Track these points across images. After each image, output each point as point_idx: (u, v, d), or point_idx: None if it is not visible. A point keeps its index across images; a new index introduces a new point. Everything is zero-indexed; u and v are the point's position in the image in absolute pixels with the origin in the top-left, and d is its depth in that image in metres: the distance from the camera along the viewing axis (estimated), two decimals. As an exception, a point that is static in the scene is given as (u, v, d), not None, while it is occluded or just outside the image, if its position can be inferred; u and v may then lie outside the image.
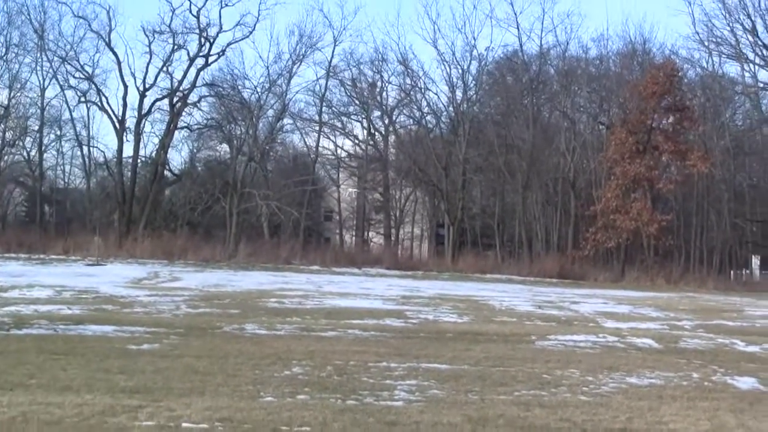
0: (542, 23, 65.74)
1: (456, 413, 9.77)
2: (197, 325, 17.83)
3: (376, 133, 73.33)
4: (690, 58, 68.07)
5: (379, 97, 71.98)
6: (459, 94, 67.44)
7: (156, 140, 63.40)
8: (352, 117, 73.78)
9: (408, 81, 70.02)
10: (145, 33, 60.94)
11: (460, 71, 66.50)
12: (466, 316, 22.82)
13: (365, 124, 72.49)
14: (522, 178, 63.71)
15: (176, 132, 63.62)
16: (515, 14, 65.51)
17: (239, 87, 66.09)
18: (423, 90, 69.71)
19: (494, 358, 14.58)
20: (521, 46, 67.29)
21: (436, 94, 69.22)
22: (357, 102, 72.37)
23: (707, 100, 67.90)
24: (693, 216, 64.29)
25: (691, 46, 67.17)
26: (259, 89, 64.46)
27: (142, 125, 61.27)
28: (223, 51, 62.92)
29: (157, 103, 62.33)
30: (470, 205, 71.46)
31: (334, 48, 66.08)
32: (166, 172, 65.07)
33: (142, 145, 62.39)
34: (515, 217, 66.46)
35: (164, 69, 61.54)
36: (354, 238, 74.47)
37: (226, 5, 61.77)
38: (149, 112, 61.76)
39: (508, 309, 26.21)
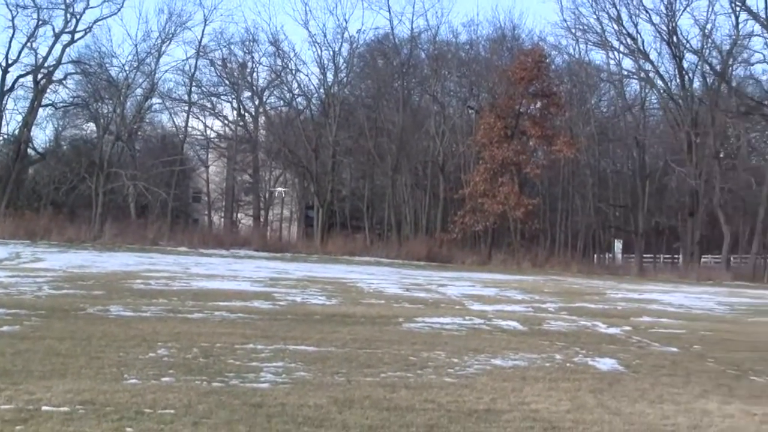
0: (413, 7, 66.55)
1: (322, 395, 9.76)
2: (60, 306, 17.45)
3: (246, 114, 72.89)
4: (558, 45, 69.41)
5: (249, 78, 71.52)
6: (330, 76, 67.50)
7: (19, 118, 61.95)
8: (222, 97, 73.20)
9: (279, 62, 69.79)
10: (8, 6, 59.38)
11: (332, 53, 66.59)
12: (334, 298, 22.84)
13: (235, 105, 72.03)
14: (392, 161, 64.02)
15: (41, 109, 62.35)
16: (387, -3, 65.50)
17: (107, 65, 64.98)
18: (294, 71, 69.63)
19: (361, 340, 14.61)
20: (392, 29, 67.71)
21: (307, 75, 69.60)
22: (227, 82, 71.79)
23: (574, 86, 69.17)
24: (559, 200, 65.51)
25: (559, 33, 68.72)
26: (127, 68, 63.49)
27: (4, 102, 59.83)
28: (90, 28, 61.68)
29: (21, 80, 60.86)
30: (340, 188, 71.64)
31: (204, 27, 65.58)
32: (29, 151, 63.59)
33: (4, 122, 60.99)
34: (385, 199, 66.81)
35: (28, 45, 60.07)
36: (223, 219, 73.97)
37: (94, -19, 60.57)
38: (12, 88, 60.27)
39: (376, 291, 26.31)
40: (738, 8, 61.13)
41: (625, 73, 68.32)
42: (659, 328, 19.48)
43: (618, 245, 65.47)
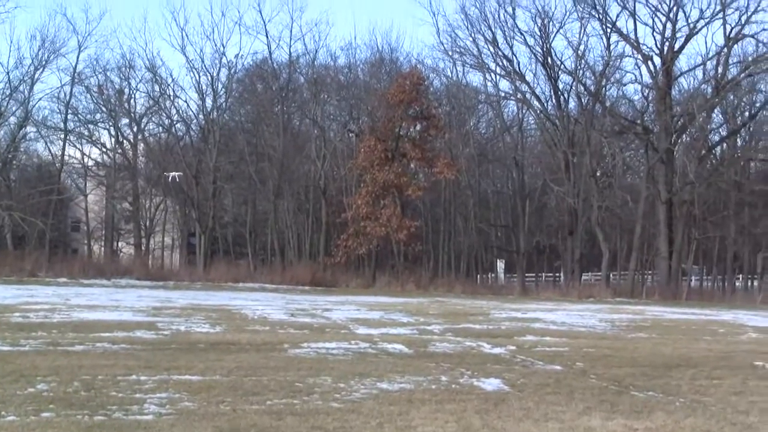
0: (291, 31, 66.16)
1: (207, 425, 9.63)
2: (-66, 343, 16.94)
3: (125, 141, 71.98)
4: (435, 67, 70.13)
5: (127, 105, 70.69)
6: (209, 101, 67.14)
7: None
8: (99, 125, 72.24)
9: (157, 88, 69.18)
10: None
11: (210, 79, 66.22)
12: (219, 326, 22.61)
13: (113, 132, 71.09)
14: (273, 186, 63.85)
15: None
16: (264, 22, 65.37)
17: (-22, 93, 63.52)
18: (172, 97, 69.06)
19: (246, 367, 14.47)
20: (270, 54, 67.63)
21: (185, 101, 68.87)
22: (104, 109, 70.91)
23: (453, 108, 69.87)
24: (441, 221, 66.02)
25: (437, 56, 69.47)
26: (-1, 96, 62.16)
27: None
28: (-40, 55, 60.36)
29: None
30: (222, 214, 71.27)
31: (78, 54, 64.53)
32: None
33: None
34: (267, 225, 66.56)
35: None
36: (103, 248, 72.83)
37: (-39, 8, 59.34)
38: None
39: (261, 318, 26.12)
40: (609, 30, 62.68)
41: (503, 94, 69.41)
42: (543, 346, 19.71)
43: (500, 265, 66.21)
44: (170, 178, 63.35)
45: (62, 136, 66.92)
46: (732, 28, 60.08)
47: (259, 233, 68.78)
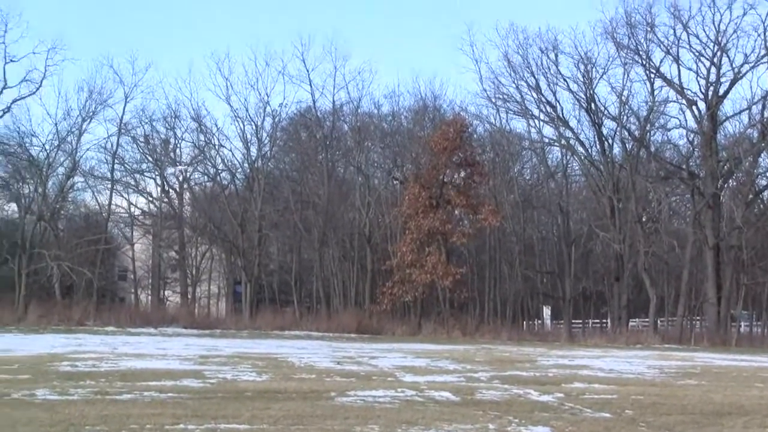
0: (334, 80, 66.33)
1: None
2: (-16, 392, 17.06)
3: (171, 191, 72.52)
4: (479, 114, 70.02)
5: (172, 154, 71.32)
6: (253, 150, 67.47)
7: (-61, 200, 61.06)
8: (145, 174, 72.87)
9: (202, 137, 69.73)
10: None
11: (254, 128, 66.54)
12: (265, 374, 22.61)
13: (159, 182, 71.65)
14: (318, 233, 64.02)
15: (-40, 191, 61.46)
16: (308, 71, 65.68)
17: (27, 144, 64.29)
18: (217, 146, 69.50)
19: (293, 416, 14.44)
20: (314, 102, 67.90)
21: (230, 150, 69.09)
22: (150, 159, 71.55)
23: (496, 155, 69.86)
24: (486, 268, 65.80)
25: (480, 103, 69.07)
26: (48, 147, 62.87)
27: None
28: (9, 108, 61.05)
29: (-62, 162, 60.11)
30: (267, 262, 71.41)
31: (125, 104, 64.95)
32: (-51, 233, 62.66)
33: None
34: (313, 272, 66.59)
35: (-55, 126, 59.41)
36: (150, 297, 73.18)
37: (11, 61, 60.02)
38: (-71, 170, 59.48)
39: (308, 366, 26.10)
40: (653, 75, 62.50)
41: (547, 140, 69.22)
42: (591, 393, 19.54)
43: (547, 311, 65.86)
44: (175, 172, 63.42)
45: (109, 185, 67.50)
46: (777, 72, 59.75)
47: (305, 281, 68.86)
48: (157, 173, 71.43)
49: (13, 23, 59.59)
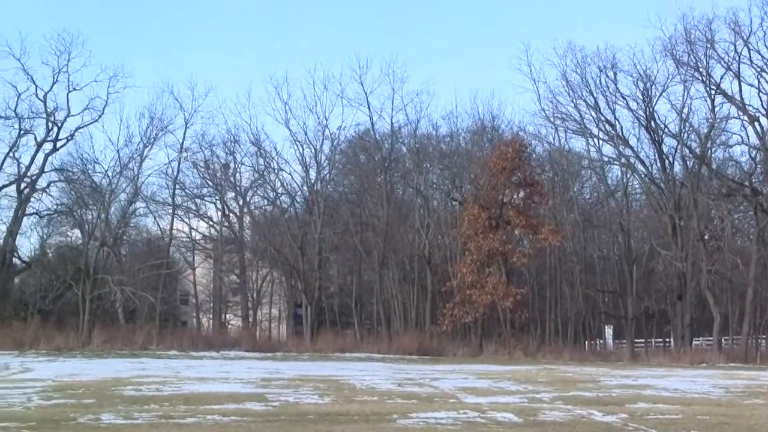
0: (392, 102, 66.46)
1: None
2: (50, 417, 17.26)
3: (231, 215, 73.10)
4: (537, 134, 69.83)
5: (232, 179, 71.94)
6: (313, 173, 67.90)
7: (3, 228, 61.95)
8: (206, 199, 73.55)
9: (261, 162, 70.25)
10: (-11, 118, 59.71)
11: (313, 151, 66.98)
12: (327, 396, 22.65)
13: (219, 206, 72.27)
14: (378, 255, 64.11)
15: (25, 218, 62.34)
16: (366, 94, 65.92)
17: (90, 171, 65.04)
18: (276, 170, 69.96)
19: (357, 438, 14.46)
20: (373, 125, 68.07)
21: (289, 174, 69.46)
22: (210, 184, 72.21)
23: (556, 174, 69.59)
24: (547, 288, 65.49)
25: (538, 123, 68.87)
26: (110, 173, 63.64)
27: (-12, 213, 59.80)
28: (72, 135, 62.06)
29: (4, 190, 61.03)
30: (327, 284, 71.62)
31: (185, 130, 65.74)
32: (15, 260, 63.49)
33: (-12, 232, 60.79)
34: (373, 294, 66.66)
35: (11, 154, 60.35)
36: (211, 320, 73.68)
37: (74, 89, 61.06)
38: (-5, 198, 60.36)
39: (369, 388, 26.10)
40: (713, 92, 61.86)
41: (606, 159, 68.83)
42: (656, 414, 19.36)
43: (609, 331, 65.33)
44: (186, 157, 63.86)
45: (170, 210, 68.15)
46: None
47: (365, 303, 68.93)
48: (217, 198, 72.09)
49: (76, 52, 60.57)
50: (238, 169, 71.79)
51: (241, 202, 72.98)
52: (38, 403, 20.24)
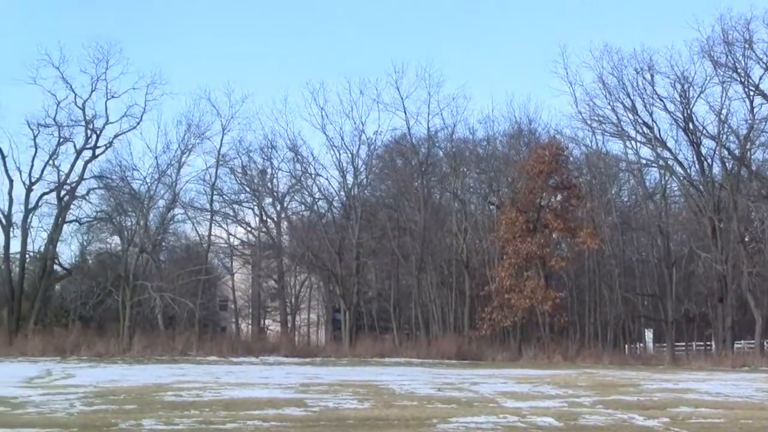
0: (429, 106, 66.44)
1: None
2: (92, 423, 17.36)
3: (269, 220, 73.37)
4: (574, 136, 69.56)
5: (270, 184, 72.15)
6: (350, 178, 68.02)
7: (44, 234, 62.38)
8: (243, 204, 73.89)
9: (298, 167, 70.41)
10: (29, 126, 60.11)
11: (350, 156, 67.11)
12: (367, 401, 22.64)
13: (257, 211, 72.66)
14: (416, 260, 64.09)
15: (65, 225, 62.79)
16: (402, 98, 65.98)
17: (128, 178, 65.50)
18: (314, 175, 70.15)
19: (397, 443, 14.45)
20: (409, 129, 68.14)
21: (326, 179, 69.58)
22: (248, 189, 72.48)
23: (593, 177, 69.31)
24: (586, 292, 65.26)
25: (575, 125, 68.59)
26: (148, 180, 64.01)
27: (29, 220, 60.23)
28: (111, 143, 62.47)
29: (44, 197, 61.41)
30: (366, 289, 71.68)
31: (222, 136, 65.99)
32: (55, 267, 63.95)
33: (29, 239, 61.10)
34: (411, 299, 66.64)
35: (50, 162, 60.75)
36: (250, 326, 73.89)
37: (112, 97, 61.46)
38: (36, 206, 60.79)
39: (409, 392, 26.07)
40: (752, 93, 61.45)
41: (644, 161, 68.47)
42: (698, 418, 19.22)
43: (649, 334, 64.94)
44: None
45: (208, 216, 68.50)
46: None
47: (403, 307, 68.93)
48: (255, 203, 72.39)
49: (114, 60, 60.88)
50: (275, 175, 72.16)
51: (278, 208, 73.28)
52: (80, 408, 20.36)
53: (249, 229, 74.48)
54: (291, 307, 73.28)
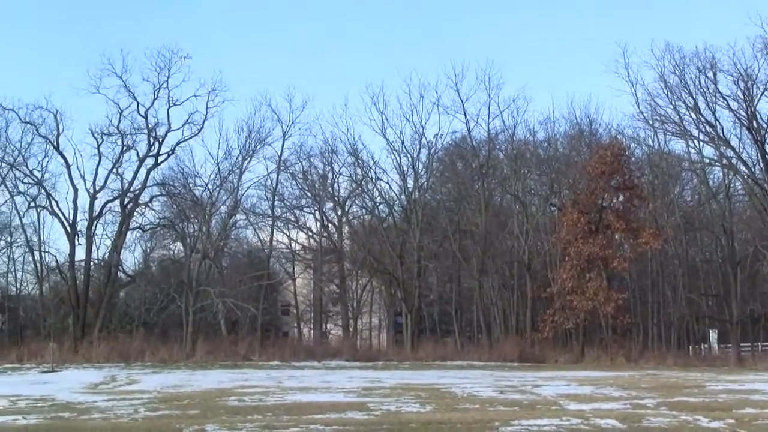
0: (489, 109, 66.33)
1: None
2: (156, 428, 17.53)
3: (330, 225, 73.56)
4: (636, 136, 68.95)
5: (330, 189, 72.29)
6: (410, 182, 68.01)
7: (108, 242, 63.04)
8: (304, 209, 74.14)
9: (359, 171, 70.49)
10: (93, 135, 60.87)
11: (410, 159, 67.15)
12: (429, 405, 22.64)
13: (318, 216, 72.80)
14: (477, 262, 63.97)
15: (129, 233, 63.39)
16: (462, 101, 65.92)
17: (190, 185, 66.10)
18: (374, 180, 70.16)
19: (459, 447, 14.43)
20: (469, 132, 68.07)
21: (387, 183, 69.64)
22: (309, 194, 72.70)
23: (656, 177, 68.68)
24: (649, 293, 64.67)
25: (637, 125, 67.94)
26: (210, 186, 64.55)
27: (93, 228, 60.85)
28: (173, 150, 63.06)
29: (108, 205, 62.09)
30: (427, 293, 71.61)
31: (283, 142, 66.40)
32: (119, 274, 64.63)
33: (94, 247, 61.73)
34: (473, 302, 66.56)
35: (114, 170, 61.46)
36: (312, 330, 74.14)
37: (174, 104, 62.01)
38: (100, 214, 61.45)
39: (471, 395, 26.03)
40: (819, 89, 60.53)
41: (707, 160, 67.63)
42: (764, 419, 18.99)
43: (713, 335, 64.25)
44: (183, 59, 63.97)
45: (270, 222, 68.94)
46: None
47: (465, 310, 68.83)
48: (316, 208, 72.63)
49: (176, 68, 61.43)
50: (336, 179, 72.29)
51: (339, 212, 73.42)
52: (145, 414, 20.57)
53: (310, 234, 74.79)
54: (352, 311, 73.43)
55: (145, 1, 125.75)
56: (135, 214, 62.82)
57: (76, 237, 60.26)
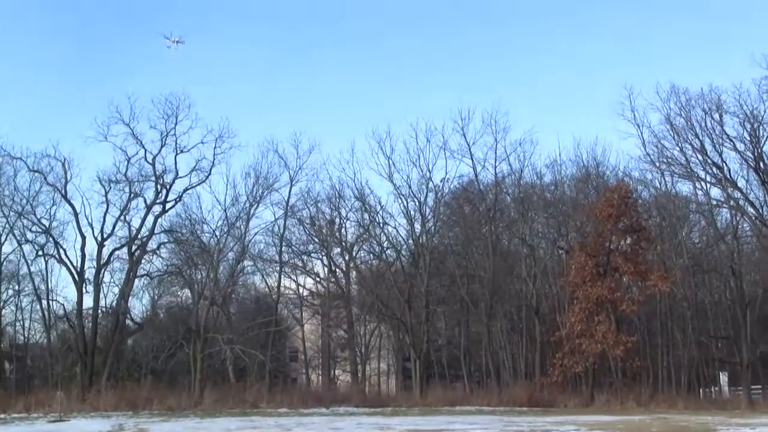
0: (495, 152, 66.43)
1: None
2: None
3: (337, 270, 73.47)
4: (643, 178, 68.89)
5: (338, 234, 72.31)
6: (417, 226, 68.00)
7: (116, 289, 63.18)
8: (312, 255, 74.15)
9: (366, 216, 70.49)
10: (101, 183, 61.21)
11: (418, 204, 67.19)
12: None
13: (326, 262, 72.80)
14: (485, 307, 63.83)
15: (136, 280, 63.44)
16: (468, 145, 66.03)
17: (198, 231, 66.27)
18: (381, 224, 70.18)
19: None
20: (476, 175, 68.10)
21: (394, 227, 69.62)
22: (316, 240, 72.69)
23: (663, 219, 68.61)
24: (658, 335, 64.42)
25: (644, 167, 67.93)
26: (217, 233, 64.77)
27: (101, 275, 61.00)
28: (180, 197, 63.27)
29: (116, 253, 62.33)
30: (435, 337, 71.48)
31: (290, 188, 66.57)
32: (127, 321, 64.57)
33: (102, 295, 61.95)
34: (481, 346, 66.34)
35: (122, 218, 61.74)
36: (320, 376, 73.95)
37: (182, 151, 62.37)
38: (108, 261, 61.60)
39: (480, 441, 25.89)
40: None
41: (715, 202, 67.47)
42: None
43: (724, 378, 63.93)
44: (173, 42, 63.58)
45: (277, 268, 68.93)
46: None
47: (474, 354, 68.61)
48: (323, 254, 72.58)
49: (183, 115, 61.78)
50: (343, 225, 72.35)
51: (347, 258, 73.34)
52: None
53: (318, 279, 74.75)
54: (361, 356, 73.22)
55: (152, 49, 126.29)
56: (143, 261, 63.02)
57: (84, 285, 60.39)
